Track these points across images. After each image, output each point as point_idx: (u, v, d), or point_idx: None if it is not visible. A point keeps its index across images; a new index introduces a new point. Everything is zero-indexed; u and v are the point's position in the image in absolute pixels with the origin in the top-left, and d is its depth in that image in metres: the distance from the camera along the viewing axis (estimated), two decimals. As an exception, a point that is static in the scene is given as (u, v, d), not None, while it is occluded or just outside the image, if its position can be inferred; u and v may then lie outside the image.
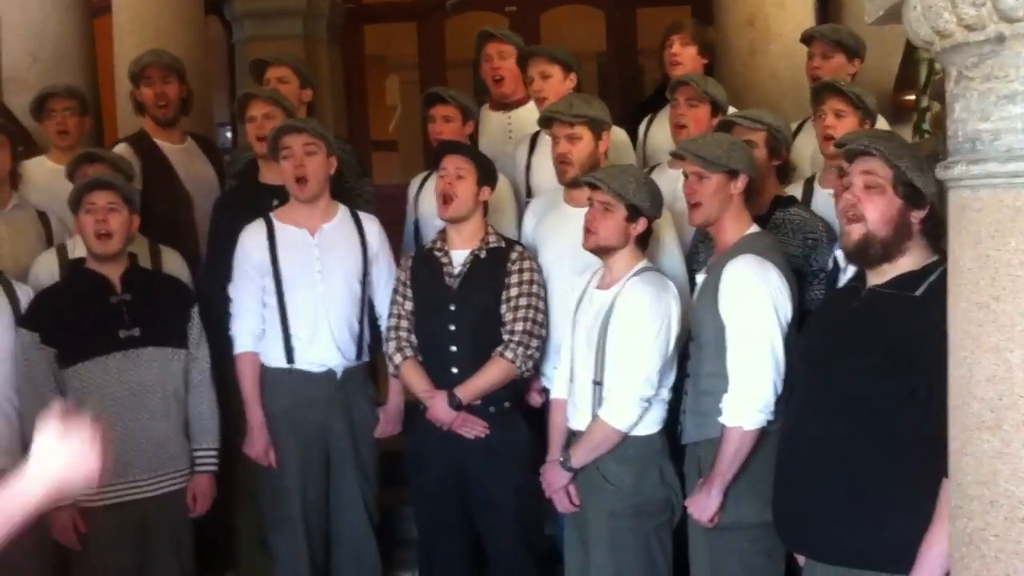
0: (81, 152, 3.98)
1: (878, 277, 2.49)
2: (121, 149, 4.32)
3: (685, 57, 4.46)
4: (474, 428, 3.52)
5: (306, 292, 3.63)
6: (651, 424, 3.19)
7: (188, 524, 3.55)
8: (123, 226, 3.41)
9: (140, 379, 3.40)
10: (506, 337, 3.51)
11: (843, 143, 2.66)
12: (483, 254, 3.58)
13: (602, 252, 3.24)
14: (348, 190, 4.12)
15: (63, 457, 1.88)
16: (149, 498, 3.41)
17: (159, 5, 5.51)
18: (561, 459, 3.27)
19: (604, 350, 3.16)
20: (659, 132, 4.47)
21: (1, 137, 4.06)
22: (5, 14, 5.82)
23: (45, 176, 4.35)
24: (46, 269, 3.75)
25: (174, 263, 3.90)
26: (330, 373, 3.67)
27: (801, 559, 2.73)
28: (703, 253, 3.52)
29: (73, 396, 3.34)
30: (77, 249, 3.66)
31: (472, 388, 3.49)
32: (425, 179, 4.25)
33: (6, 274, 3.55)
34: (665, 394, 3.19)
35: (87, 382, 3.36)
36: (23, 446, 3.33)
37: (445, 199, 3.54)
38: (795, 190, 3.64)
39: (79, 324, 3.38)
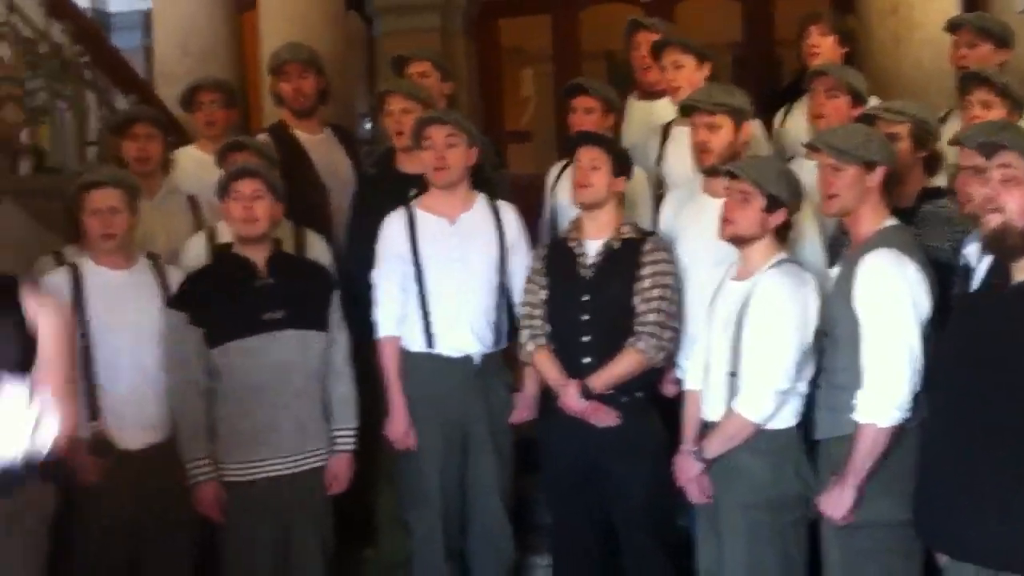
0: (229, 140, 4.11)
1: (1021, 273, 2.42)
2: (262, 140, 4.42)
3: (824, 47, 4.39)
4: (605, 418, 3.52)
5: (445, 280, 3.69)
6: (787, 418, 3.14)
7: (328, 501, 3.64)
8: (268, 212, 3.53)
9: (282, 360, 3.50)
10: (638, 328, 3.50)
11: (966, 138, 2.60)
12: (617, 244, 3.58)
13: (739, 242, 3.20)
14: (486, 180, 4.17)
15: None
16: (291, 475, 3.52)
17: (304, 1, 5.63)
18: (694, 450, 3.25)
19: (740, 342, 3.13)
20: (795, 123, 4.40)
21: (153, 128, 4.24)
22: (158, 10, 6.08)
23: (194, 164, 4.53)
24: (195, 252, 3.89)
25: (317, 248, 4.00)
26: (468, 359, 3.71)
27: (942, 559, 2.67)
28: (842, 246, 3.45)
29: (219, 375, 3.48)
30: (225, 234, 3.79)
31: (604, 378, 3.50)
32: (563, 169, 4.27)
33: (159, 257, 3.69)
34: (802, 388, 3.14)
35: (232, 362, 3.47)
36: (171, 422, 3.49)
37: (578, 187, 3.56)
38: (943, 181, 3.54)
39: (225, 306, 3.50)
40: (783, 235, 3.22)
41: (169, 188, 4.27)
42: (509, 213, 3.84)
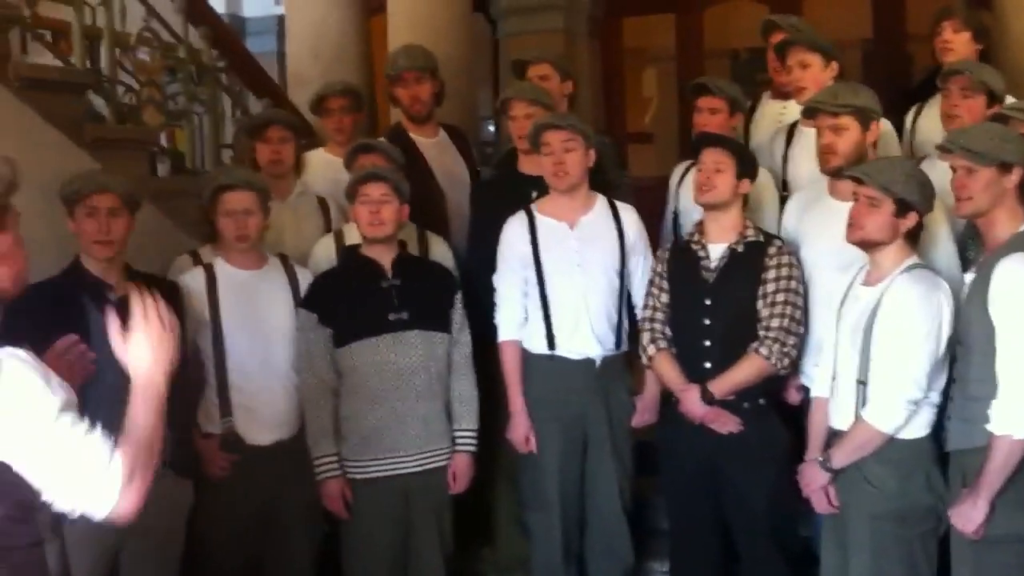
0: (358, 143, 4.17)
1: None
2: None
3: (957, 43, 4.25)
4: (726, 424, 3.49)
5: (566, 283, 3.70)
6: (918, 428, 3.06)
7: (449, 500, 3.68)
8: (394, 215, 3.59)
9: (407, 360, 3.56)
10: (762, 333, 3.46)
11: None
12: (740, 248, 3.53)
13: (868, 247, 3.12)
14: (608, 182, 4.17)
15: (147, 352, 2.03)
16: (414, 474, 3.57)
17: (431, 4, 5.68)
18: (821, 459, 3.19)
19: (869, 349, 3.06)
20: (928, 123, 4.27)
21: (286, 132, 4.33)
22: (290, 15, 6.24)
23: (324, 166, 4.61)
24: (324, 253, 3.97)
25: (440, 249, 4.05)
26: (589, 361, 3.72)
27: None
28: (971, 251, 3.35)
29: (346, 374, 3.56)
30: (352, 235, 3.87)
31: (725, 383, 3.46)
32: (687, 170, 4.23)
33: (288, 258, 3.79)
34: (935, 397, 3.06)
35: (358, 361, 3.54)
36: (299, 420, 3.59)
37: (702, 189, 3.53)
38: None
39: (353, 306, 3.57)
40: (914, 239, 3.13)
41: (300, 190, 4.37)
42: (629, 215, 3.83)
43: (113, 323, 2.05)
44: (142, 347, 2.03)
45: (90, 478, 1.88)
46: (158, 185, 4.60)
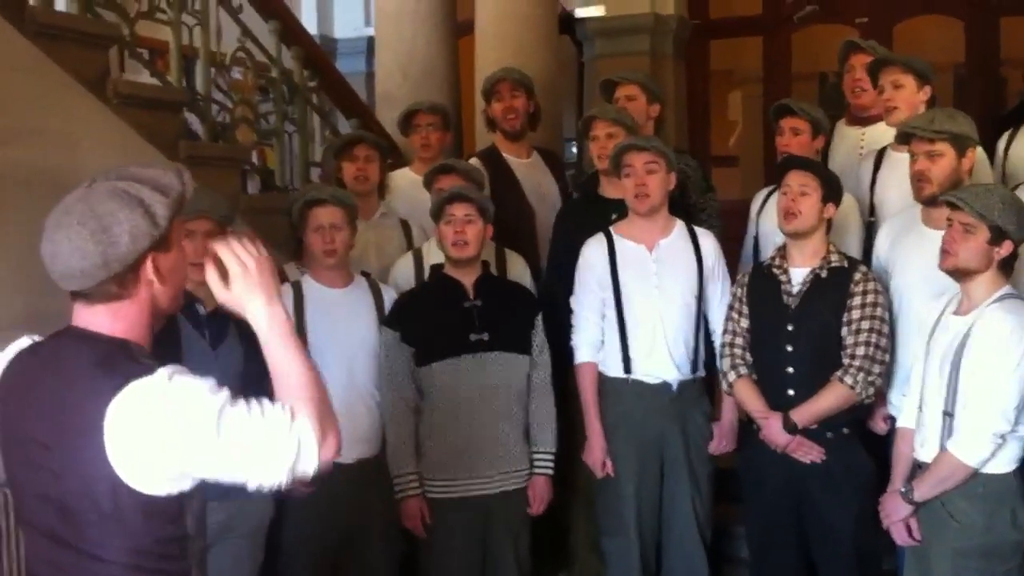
0: (438, 164, 4.24)
1: None
2: (473, 163, 4.53)
3: (1052, 67, 4.16)
4: (809, 453, 3.44)
5: (644, 306, 3.69)
6: (1006, 462, 2.99)
7: (526, 522, 3.69)
8: (478, 235, 3.61)
9: (487, 381, 3.58)
10: (846, 361, 3.40)
11: None
12: (824, 273, 3.49)
13: (960, 275, 3.06)
14: (692, 205, 4.15)
15: (254, 291, 1.88)
16: (492, 495, 3.59)
17: (519, 25, 5.71)
18: (903, 490, 3.14)
19: (957, 380, 2.99)
20: (1022, 149, 4.18)
21: (373, 152, 4.40)
22: (380, 35, 6.33)
23: (408, 186, 4.67)
24: (404, 272, 4.03)
25: (518, 268, 4.08)
26: (665, 385, 3.70)
27: None
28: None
29: (426, 393, 3.59)
30: (432, 254, 3.91)
31: (808, 412, 3.41)
32: (769, 195, 4.20)
33: (372, 276, 3.83)
34: (1023, 431, 2.98)
35: (440, 381, 3.57)
36: (381, 438, 3.62)
37: (787, 215, 3.49)
38: None
39: (434, 326, 3.60)
40: (1008, 267, 3.06)
41: (384, 211, 4.43)
42: (708, 240, 3.82)
43: (211, 273, 1.89)
44: (246, 287, 1.87)
45: (282, 446, 1.77)
46: (248, 202, 4.69)
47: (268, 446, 1.77)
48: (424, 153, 4.83)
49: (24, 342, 1.98)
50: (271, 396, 1.85)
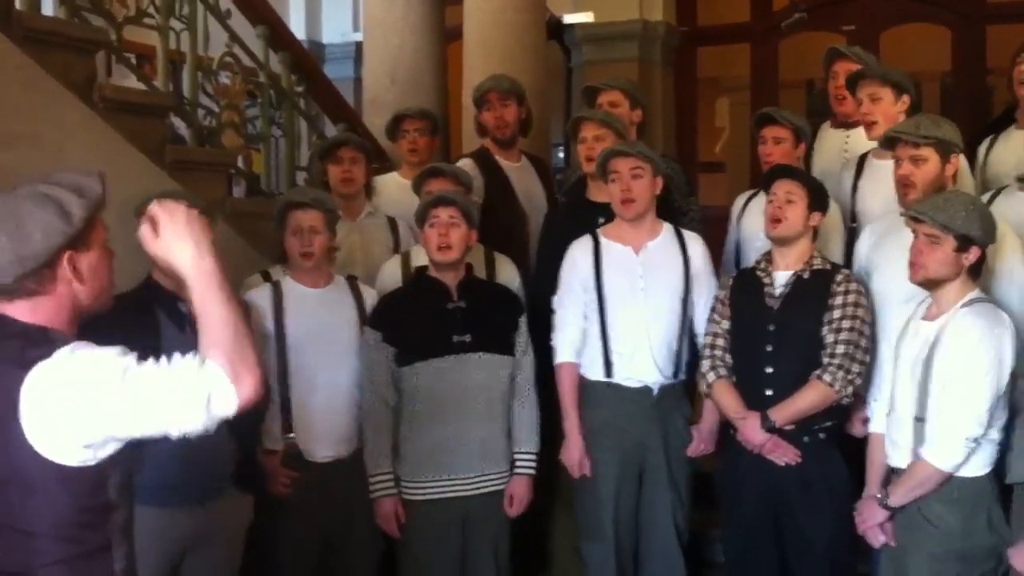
0: (428, 167, 4.24)
1: None
2: (465, 164, 4.56)
3: (1036, 77, 4.19)
4: (785, 454, 3.45)
5: (628, 309, 3.70)
6: (980, 465, 3.01)
7: (506, 524, 3.69)
8: (462, 239, 3.62)
9: (469, 382, 3.58)
10: (826, 359, 3.41)
11: None
12: (807, 275, 3.51)
13: (931, 285, 3.08)
14: (675, 208, 4.17)
15: (182, 240, 1.95)
16: (471, 496, 3.59)
17: (506, 32, 5.71)
18: (879, 496, 3.16)
19: (928, 385, 3.02)
20: (1004, 153, 4.20)
21: (359, 153, 4.42)
22: (368, 41, 6.35)
23: (396, 190, 4.70)
24: (391, 274, 4.03)
25: (507, 272, 4.09)
26: (647, 389, 3.71)
27: None
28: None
29: (407, 393, 3.60)
30: (419, 257, 3.92)
31: (787, 411, 3.43)
32: (750, 199, 4.23)
33: (356, 277, 3.85)
34: (995, 434, 3.00)
35: (420, 382, 3.57)
36: (361, 437, 3.64)
37: (773, 220, 3.51)
38: None
39: (417, 327, 3.61)
40: (976, 272, 3.09)
41: (370, 211, 4.44)
42: (695, 243, 3.83)
43: (144, 227, 1.97)
44: (175, 236, 1.94)
45: (190, 392, 1.83)
46: (234, 206, 4.70)
47: (177, 392, 1.83)
48: (412, 158, 4.85)
49: None
50: None
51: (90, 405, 1.83)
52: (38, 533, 1.90)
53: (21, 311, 1.96)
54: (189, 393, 1.83)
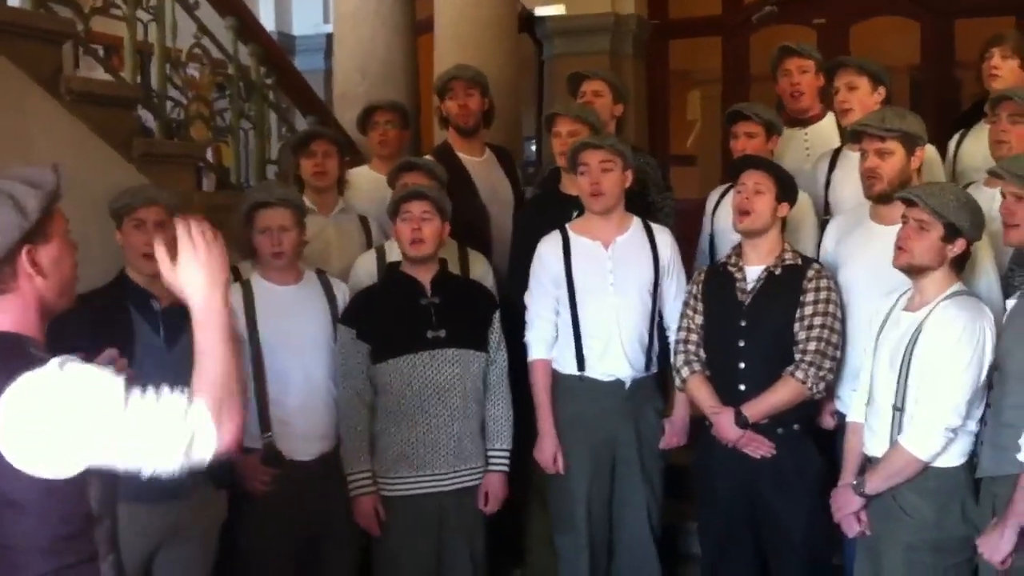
0: (402, 161, 4.21)
1: None
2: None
3: (1005, 70, 4.24)
4: (760, 448, 3.46)
5: (599, 304, 3.70)
6: (955, 456, 3.03)
7: (481, 520, 3.68)
8: (434, 233, 3.60)
9: (442, 378, 3.57)
10: (798, 356, 3.43)
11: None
12: (778, 271, 3.52)
13: (913, 272, 3.09)
14: (650, 203, 4.16)
15: (198, 273, 1.92)
16: (446, 492, 3.58)
17: (477, 25, 5.69)
18: (855, 483, 3.17)
19: (907, 375, 3.03)
20: (973, 148, 4.24)
21: (331, 147, 4.37)
22: (339, 33, 6.30)
23: (367, 183, 4.65)
24: (365, 269, 3.99)
25: (480, 267, 4.08)
26: (618, 383, 3.71)
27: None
28: (1018, 277, 3.32)
29: (382, 390, 3.58)
30: (393, 252, 3.89)
31: (760, 406, 3.44)
32: (724, 192, 4.23)
33: (328, 273, 3.81)
34: (972, 426, 3.02)
35: (394, 378, 3.55)
36: (336, 434, 3.61)
37: (741, 213, 3.52)
38: None
39: (391, 323, 3.58)
40: (960, 265, 3.10)
41: (342, 207, 4.41)
42: (664, 237, 3.83)
43: (160, 250, 1.94)
44: (192, 268, 1.91)
45: (175, 432, 1.81)
46: (203, 199, 4.65)
47: (162, 431, 1.81)
48: (382, 150, 4.82)
49: None
50: None
51: (79, 425, 1.79)
52: (18, 547, 1.87)
53: None
54: (174, 434, 1.82)
